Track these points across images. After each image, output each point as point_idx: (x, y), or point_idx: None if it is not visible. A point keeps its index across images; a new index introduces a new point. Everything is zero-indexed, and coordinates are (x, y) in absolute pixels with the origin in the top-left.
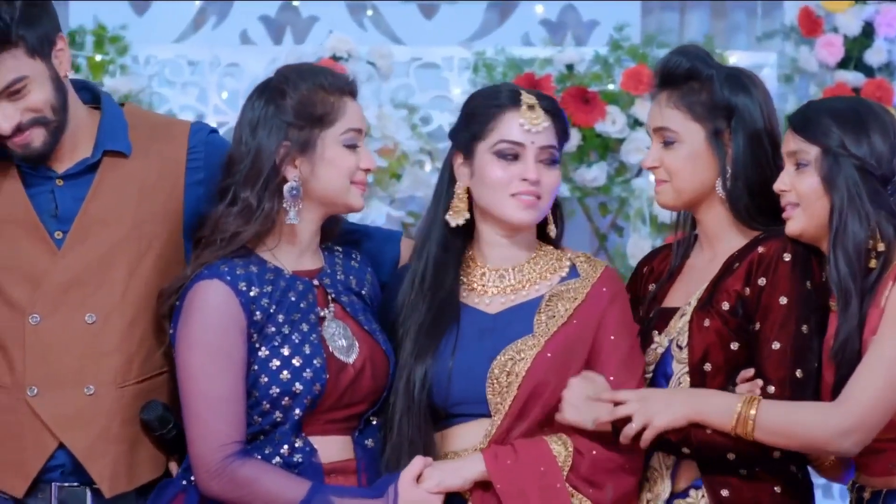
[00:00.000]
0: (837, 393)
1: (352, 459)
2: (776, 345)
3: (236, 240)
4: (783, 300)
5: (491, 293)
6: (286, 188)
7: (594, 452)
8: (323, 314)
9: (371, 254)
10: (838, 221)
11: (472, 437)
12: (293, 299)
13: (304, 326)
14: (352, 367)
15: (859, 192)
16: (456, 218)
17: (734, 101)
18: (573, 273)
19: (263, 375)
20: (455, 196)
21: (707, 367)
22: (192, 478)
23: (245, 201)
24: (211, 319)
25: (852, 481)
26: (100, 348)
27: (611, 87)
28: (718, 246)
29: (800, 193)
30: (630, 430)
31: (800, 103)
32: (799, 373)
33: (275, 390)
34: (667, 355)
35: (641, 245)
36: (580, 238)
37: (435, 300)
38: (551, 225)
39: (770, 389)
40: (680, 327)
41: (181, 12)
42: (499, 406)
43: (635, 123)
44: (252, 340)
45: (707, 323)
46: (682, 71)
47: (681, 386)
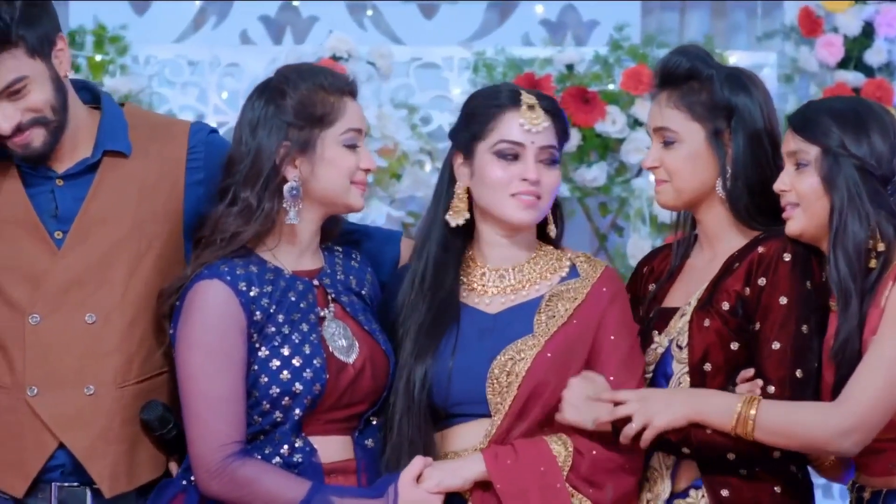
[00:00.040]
0: (837, 393)
1: (352, 459)
2: (776, 345)
3: (236, 240)
4: (783, 300)
5: (491, 293)
6: (286, 188)
7: (594, 452)
8: (323, 314)
9: (371, 254)
10: (838, 221)
11: (472, 437)
12: (293, 299)
13: (304, 326)
14: (352, 367)
15: (859, 192)
16: (456, 218)
17: (734, 101)
18: (573, 273)
19: (263, 375)
20: (455, 196)
21: (707, 367)
22: (192, 478)
23: (245, 201)
24: (211, 319)
25: (852, 481)
26: (100, 348)
27: (611, 87)
28: (718, 246)
29: (800, 193)
30: (630, 430)
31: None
32: (799, 373)
33: (275, 390)
34: (667, 355)
35: (641, 245)
36: (580, 238)
37: (435, 300)
38: (551, 225)
39: (770, 389)
40: (680, 327)
41: (181, 12)
42: (499, 406)
43: (635, 123)
44: (252, 340)
45: (707, 323)
46: (683, 71)
47: (681, 386)
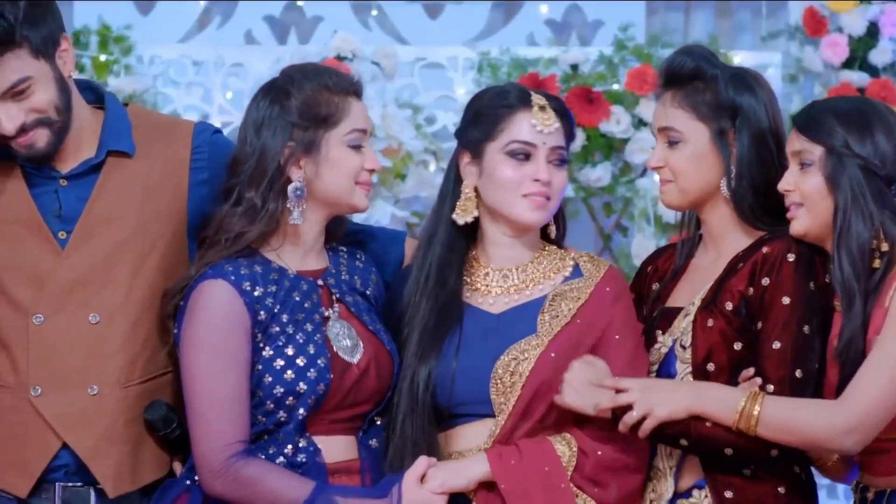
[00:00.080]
0: (841, 393)
1: (356, 459)
2: (777, 344)
3: (241, 240)
4: (786, 300)
5: (495, 293)
6: (290, 188)
7: (599, 453)
8: (327, 314)
9: (375, 254)
10: (842, 221)
11: (476, 438)
12: (297, 299)
13: (309, 326)
14: (356, 367)
15: (863, 192)
16: (464, 216)
17: (739, 101)
18: (577, 273)
19: (267, 375)
20: (462, 195)
21: (710, 367)
22: (196, 477)
23: (250, 201)
24: (215, 319)
25: (856, 481)
26: (103, 348)
27: (615, 87)
28: (723, 246)
29: (804, 193)
30: (630, 419)
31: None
32: (799, 373)
33: (279, 390)
34: (670, 355)
35: (646, 245)
36: (584, 238)
37: (438, 300)
38: (552, 226)
39: (769, 388)
40: (683, 327)
41: (186, 12)
42: (503, 406)
43: (640, 123)
44: (256, 340)
45: (711, 323)
46: (687, 71)
47: None
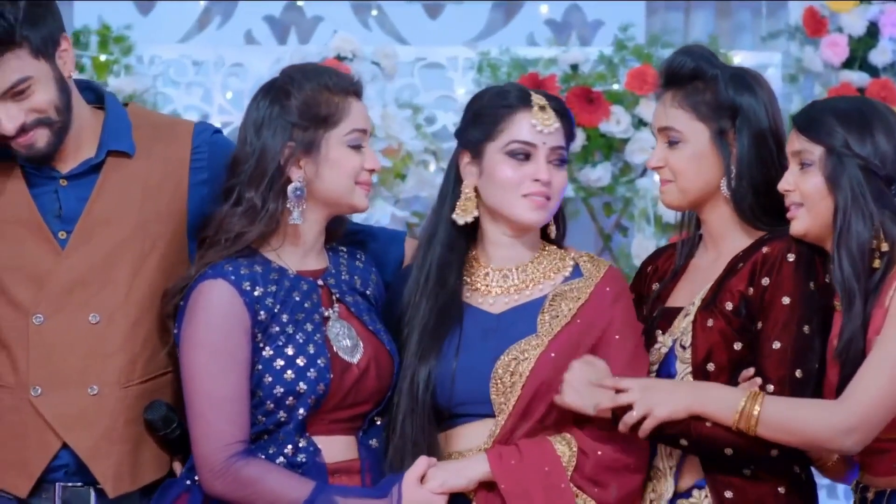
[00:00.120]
0: (841, 393)
1: (356, 459)
2: (777, 344)
3: (241, 240)
4: (786, 300)
5: (495, 293)
6: (290, 188)
7: (599, 453)
8: (327, 314)
9: (375, 254)
10: (842, 221)
11: (476, 438)
12: (297, 299)
13: (309, 326)
14: (356, 367)
15: (863, 192)
16: (465, 216)
17: (739, 101)
18: (576, 273)
19: (267, 375)
20: (462, 195)
21: (710, 368)
22: (196, 477)
23: (250, 202)
24: (215, 319)
25: (856, 481)
26: (103, 348)
27: (615, 87)
28: (723, 246)
29: (804, 193)
30: (630, 419)
31: (804, 103)
32: (798, 373)
33: (279, 390)
34: (670, 355)
35: (646, 245)
36: (584, 238)
37: (438, 301)
38: (552, 226)
39: (769, 388)
40: (683, 327)
41: (186, 12)
42: (503, 406)
43: (640, 123)
44: (256, 340)
45: (710, 323)
46: (687, 71)
47: None
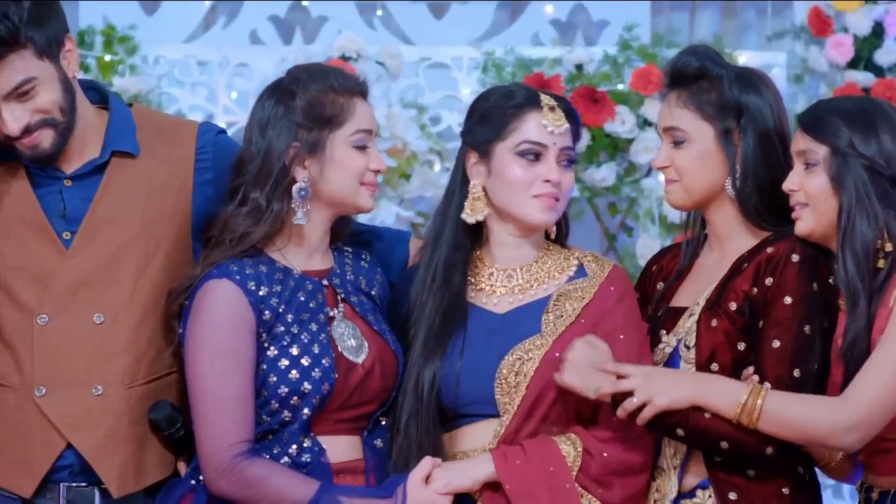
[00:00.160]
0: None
1: (360, 459)
2: (776, 343)
3: (246, 240)
4: (788, 300)
5: (499, 293)
6: (295, 189)
7: (604, 454)
8: (332, 314)
9: (381, 254)
10: (846, 221)
11: (481, 438)
12: (302, 299)
13: (314, 326)
14: (361, 367)
15: (868, 192)
16: (474, 215)
17: (744, 101)
18: (581, 272)
19: (272, 375)
20: (470, 195)
21: (714, 367)
22: (201, 477)
23: (255, 202)
24: (220, 319)
25: (860, 481)
26: (108, 349)
27: (620, 87)
28: (728, 245)
29: (808, 193)
30: (630, 405)
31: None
32: (797, 372)
33: (283, 390)
34: (675, 355)
35: (651, 245)
36: (589, 238)
37: (443, 301)
38: (553, 226)
39: (766, 387)
40: (688, 327)
41: (191, 12)
42: (507, 406)
43: (645, 123)
44: (261, 340)
45: (715, 323)
46: (692, 70)
47: None
